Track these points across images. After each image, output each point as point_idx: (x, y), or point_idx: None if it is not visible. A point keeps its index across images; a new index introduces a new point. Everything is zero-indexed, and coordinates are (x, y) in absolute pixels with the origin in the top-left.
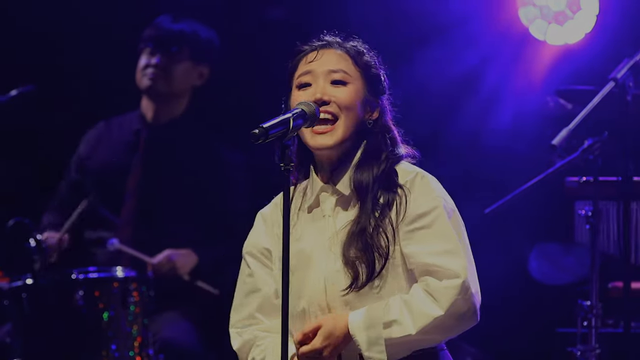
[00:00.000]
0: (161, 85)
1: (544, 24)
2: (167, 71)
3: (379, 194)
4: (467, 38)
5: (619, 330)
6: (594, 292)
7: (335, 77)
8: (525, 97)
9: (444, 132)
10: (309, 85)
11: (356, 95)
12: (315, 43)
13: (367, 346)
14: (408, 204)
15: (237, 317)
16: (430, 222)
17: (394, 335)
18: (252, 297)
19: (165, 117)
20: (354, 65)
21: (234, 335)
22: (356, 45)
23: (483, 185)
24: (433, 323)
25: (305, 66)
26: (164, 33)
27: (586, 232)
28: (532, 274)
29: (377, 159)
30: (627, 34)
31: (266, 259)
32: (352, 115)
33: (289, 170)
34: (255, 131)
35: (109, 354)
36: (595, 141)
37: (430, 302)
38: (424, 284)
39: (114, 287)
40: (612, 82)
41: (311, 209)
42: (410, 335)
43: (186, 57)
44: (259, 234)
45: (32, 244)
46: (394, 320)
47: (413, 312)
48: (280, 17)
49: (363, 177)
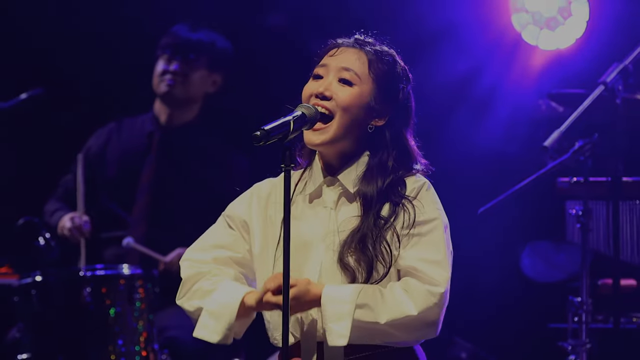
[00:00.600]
0: (178, 91)
1: (536, 29)
2: (185, 78)
3: (383, 207)
4: (463, 43)
5: (609, 325)
6: (585, 289)
7: (344, 75)
8: (518, 100)
9: (440, 134)
10: (320, 78)
11: (359, 98)
12: (343, 40)
13: (333, 319)
14: (412, 212)
15: (196, 255)
16: (426, 231)
17: (363, 319)
18: (221, 251)
19: (178, 121)
20: (368, 68)
21: (187, 266)
22: (381, 51)
23: (477, 185)
24: (403, 320)
25: (325, 59)
26: (183, 41)
27: (577, 230)
28: (525, 271)
29: (383, 171)
30: (616, 40)
31: (244, 231)
32: (349, 116)
33: (289, 171)
34: (257, 133)
35: (115, 349)
36: (586, 143)
37: (406, 300)
38: (404, 283)
39: (120, 284)
40: (601, 86)
41: (312, 197)
42: (378, 323)
43: (203, 65)
44: (249, 207)
45: (41, 242)
46: (367, 304)
47: (387, 304)
48: (280, 23)
49: (368, 189)
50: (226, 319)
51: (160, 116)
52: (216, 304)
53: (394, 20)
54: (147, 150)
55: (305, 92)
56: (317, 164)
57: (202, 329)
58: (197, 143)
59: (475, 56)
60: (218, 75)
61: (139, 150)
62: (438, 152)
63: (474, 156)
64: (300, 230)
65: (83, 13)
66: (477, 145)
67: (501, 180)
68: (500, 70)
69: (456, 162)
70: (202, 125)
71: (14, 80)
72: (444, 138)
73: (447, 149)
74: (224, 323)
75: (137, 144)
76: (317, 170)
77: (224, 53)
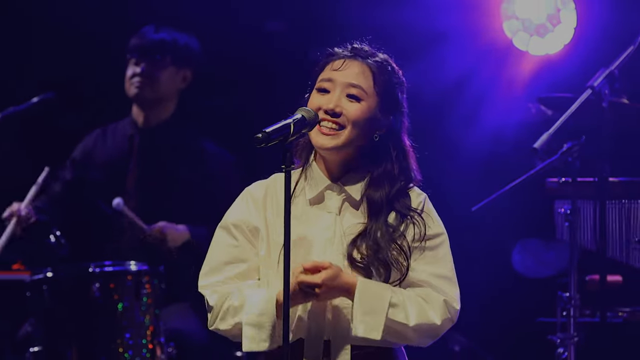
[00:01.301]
0: (148, 92)
1: (526, 36)
2: (153, 78)
3: (392, 214)
4: (457, 48)
5: (596, 319)
6: (573, 285)
7: (352, 91)
8: (509, 103)
9: (435, 135)
10: (327, 92)
11: (367, 112)
12: (344, 51)
13: (368, 312)
14: (421, 225)
15: (212, 279)
16: (435, 245)
17: (395, 318)
18: (233, 267)
19: (154, 120)
20: (373, 83)
21: (210, 293)
22: (381, 62)
23: (471, 184)
24: (427, 326)
25: (330, 73)
26: (147, 43)
27: (565, 229)
28: (516, 267)
29: (390, 179)
30: (602, 46)
31: (253, 237)
32: (358, 129)
33: (290, 172)
34: (259, 135)
35: (123, 342)
36: (574, 144)
37: (430, 309)
38: (423, 293)
39: (128, 280)
40: (589, 90)
41: (313, 201)
42: (407, 326)
43: (169, 63)
44: (248, 211)
45: (52, 240)
46: (398, 305)
47: (414, 308)
48: (279, 29)
49: (376, 195)
50: (268, 324)
51: (137, 119)
52: (254, 314)
53: (391, 28)
54: (130, 154)
55: (312, 105)
56: (316, 168)
57: (250, 342)
58: (175, 140)
59: (468, 61)
60: (187, 70)
61: (122, 155)
62: (434, 152)
63: (467, 157)
64: (303, 232)
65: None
66: (471, 146)
67: (493, 180)
68: (492, 74)
69: (451, 162)
70: (179, 121)
71: (27, 84)
72: (440, 139)
73: (442, 150)
74: (267, 329)
75: (120, 148)
76: (317, 175)
77: (189, 49)
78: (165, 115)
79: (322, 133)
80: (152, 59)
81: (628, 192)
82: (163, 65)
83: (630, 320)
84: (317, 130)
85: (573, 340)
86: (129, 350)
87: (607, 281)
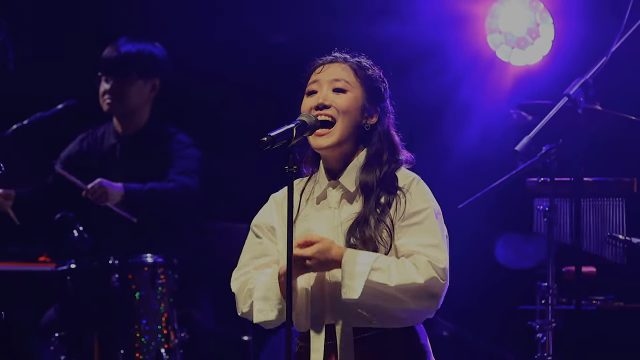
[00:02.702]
0: (118, 108)
1: (508, 48)
2: (121, 94)
3: (381, 195)
4: (445, 60)
5: (572, 307)
6: (550, 275)
7: (337, 85)
8: (492, 109)
9: (425, 139)
10: (315, 93)
11: (354, 102)
12: (325, 58)
13: (350, 277)
14: (406, 204)
15: (239, 272)
16: (421, 220)
17: (374, 279)
18: (258, 260)
19: (134, 128)
20: (355, 76)
21: (233, 284)
22: (360, 61)
23: (458, 183)
24: (410, 286)
25: (314, 76)
26: (113, 59)
27: (544, 224)
28: (498, 259)
29: (380, 163)
30: (578, 57)
31: (272, 235)
32: (349, 119)
33: (292, 172)
34: (264, 139)
35: (140, 328)
36: (552, 147)
37: (414, 270)
38: (411, 258)
39: (144, 271)
40: (565, 97)
41: (319, 200)
42: (388, 286)
43: (135, 77)
44: (270, 213)
45: (75, 234)
46: (380, 268)
47: (398, 270)
48: (281, 42)
49: (368, 178)
50: (275, 296)
51: (117, 128)
52: (261, 290)
53: (386, 39)
54: (112, 161)
55: (304, 107)
56: (321, 171)
57: (259, 313)
58: (152, 145)
59: (455, 71)
60: (155, 79)
61: (105, 162)
62: (424, 155)
63: (455, 158)
64: (308, 227)
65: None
66: (458, 149)
67: (478, 180)
68: (477, 83)
69: (440, 163)
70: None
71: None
72: (431, 142)
73: (432, 153)
74: (274, 301)
75: (104, 155)
76: (321, 176)
77: (154, 58)
78: (142, 123)
79: (318, 135)
80: (118, 76)
81: (601, 191)
82: (129, 80)
83: (603, 307)
84: (313, 136)
85: (551, 326)
86: (146, 335)
87: (582, 272)
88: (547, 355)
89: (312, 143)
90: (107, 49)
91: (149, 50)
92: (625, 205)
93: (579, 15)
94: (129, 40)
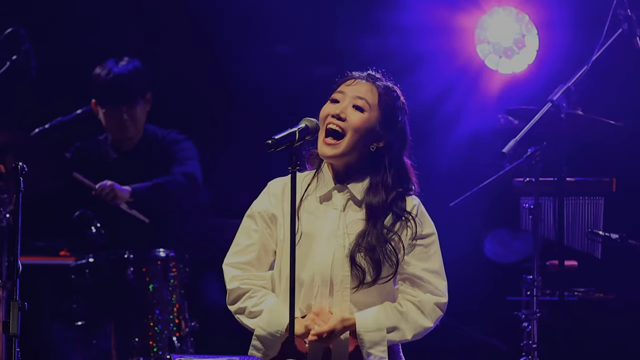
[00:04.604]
0: (132, 132)
1: (496, 57)
2: (135, 119)
3: (389, 217)
4: (438, 68)
5: (555, 298)
6: (535, 268)
7: (358, 103)
8: (481, 114)
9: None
10: (337, 102)
11: (367, 123)
12: (360, 74)
13: (371, 345)
14: (416, 226)
15: (235, 259)
16: (428, 243)
17: (394, 339)
18: (253, 248)
19: (132, 144)
20: (377, 99)
21: (230, 273)
22: (388, 87)
23: (449, 183)
24: (422, 331)
25: (342, 87)
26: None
27: (529, 221)
28: (487, 254)
29: (385, 186)
30: (561, 65)
31: (272, 223)
32: (357, 137)
33: (295, 172)
34: (268, 142)
35: (153, 317)
36: (537, 149)
37: (422, 316)
38: (416, 299)
39: (157, 264)
40: (549, 103)
41: (323, 199)
42: (407, 339)
43: (138, 97)
44: (269, 202)
45: (93, 230)
46: (395, 327)
47: (409, 322)
48: (287, 52)
49: (374, 200)
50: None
51: (117, 144)
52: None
53: (383, 49)
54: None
55: (323, 112)
56: (327, 171)
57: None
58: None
59: (447, 79)
60: (148, 93)
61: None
62: (418, 156)
63: (447, 160)
64: (313, 224)
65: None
66: (450, 151)
67: (469, 180)
68: (467, 90)
69: (432, 165)
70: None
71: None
72: (423, 145)
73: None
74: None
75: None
76: (327, 177)
77: (143, 73)
78: (140, 134)
79: (326, 144)
80: (127, 104)
81: (582, 190)
82: (136, 102)
83: (584, 298)
84: (322, 142)
85: (536, 316)
86: (158, 325)
87: (565, 265)
88: (532, 343)
89: (319, 150)
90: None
91: (137, 65)
92: (604, 203)
93: (562, 26)
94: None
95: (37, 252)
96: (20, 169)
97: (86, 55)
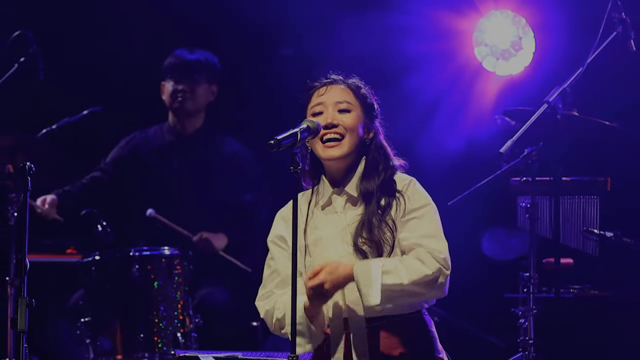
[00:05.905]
0: (189, 105)
1: (493, 59)
2: (193, 93)
3: (382, 198)
4: (436, 70)
5: (551, 295)
6: (532, 266)
7: (341, 106)
8: (479, 115)
9: (418, 142)
10: (321, 113)
11: (358, 120)
12: (323, 81)
13: (366, 285)
14: (405, 203)
15: (261, 292)
16: (421, 215)
17: (389, 282)
18: (272, 277)
19: (191, 128)
20: (355, 97)
21: (260, 307)
22: (355, 81)
23: (448, 182)
24: (422, 279)
25: (317, 99)
26: (186, 63)
27: (526, 220)
28: (485, 252)
29: (377, 171)
30: (557, 67)
31: (284, 244)
32: (355, 135)
33: (297, 172)
34: (271, 142)
35: (158, 314)
36: (533, 149)
37: (420, 263)
38: (414, 253)
39: (162, 262)
40: (545, 104)
41: (324, 206)
42: (403, 284)
43: (204, 80)
44: (279, 228)
45: (99, 229)
46: (390, 270)
47: (406, 267)
48: (288, 54)
49: (368, 185)
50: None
51: (176, 127)
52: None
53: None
54: (171, 157)
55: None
56: (324, 181)
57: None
58: (208, 144)
59: (446, 81)
60: (215, 86)
61: (164, 156)
62: (417, 156)
63: (445, 160)
64: (319, 234)
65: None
66: (448, 151)
67: (467, 179)
68: (465, 91)
69: (431, 164)
70: (211, 128)
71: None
72: (422, 145)
73: (424, 154)
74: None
75: (162, 150)
76: (326, 186)
77: (216, 67)
78: (199, 124)
79: (328, 147)
80: (191, 78)
81: (578, 189)
82: (200, 82)
83: (579, 295)
84: (322, 147)
85: (532, 313)
86: (163, 321)
87: (561, 263)
88: (528, 339)
89: (322, 154)
90: (174, 57)
91: (213, 59)
92: (599, 202)
93: (558, 29)
94: (195, 49)
95: (44, 250)
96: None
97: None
